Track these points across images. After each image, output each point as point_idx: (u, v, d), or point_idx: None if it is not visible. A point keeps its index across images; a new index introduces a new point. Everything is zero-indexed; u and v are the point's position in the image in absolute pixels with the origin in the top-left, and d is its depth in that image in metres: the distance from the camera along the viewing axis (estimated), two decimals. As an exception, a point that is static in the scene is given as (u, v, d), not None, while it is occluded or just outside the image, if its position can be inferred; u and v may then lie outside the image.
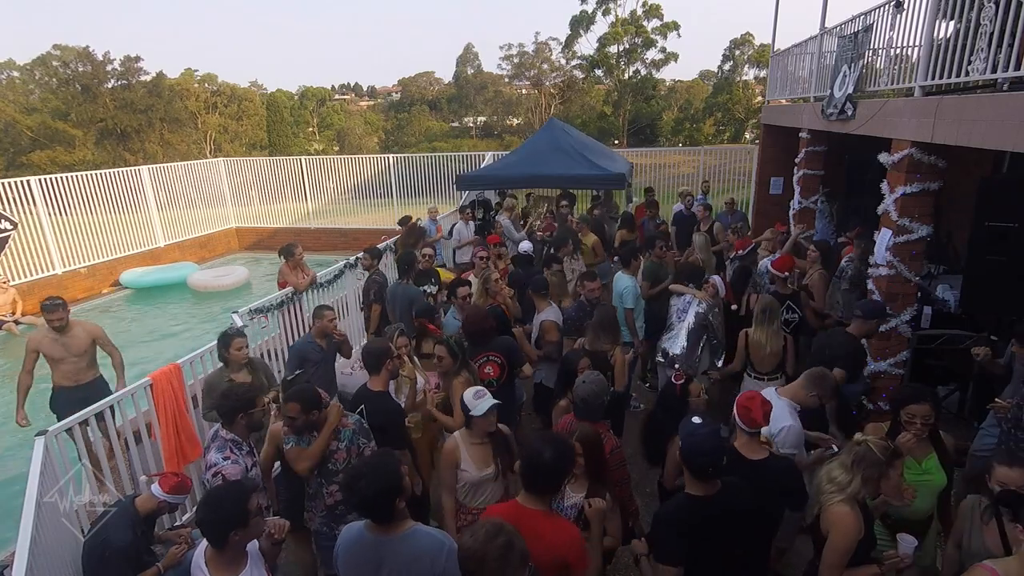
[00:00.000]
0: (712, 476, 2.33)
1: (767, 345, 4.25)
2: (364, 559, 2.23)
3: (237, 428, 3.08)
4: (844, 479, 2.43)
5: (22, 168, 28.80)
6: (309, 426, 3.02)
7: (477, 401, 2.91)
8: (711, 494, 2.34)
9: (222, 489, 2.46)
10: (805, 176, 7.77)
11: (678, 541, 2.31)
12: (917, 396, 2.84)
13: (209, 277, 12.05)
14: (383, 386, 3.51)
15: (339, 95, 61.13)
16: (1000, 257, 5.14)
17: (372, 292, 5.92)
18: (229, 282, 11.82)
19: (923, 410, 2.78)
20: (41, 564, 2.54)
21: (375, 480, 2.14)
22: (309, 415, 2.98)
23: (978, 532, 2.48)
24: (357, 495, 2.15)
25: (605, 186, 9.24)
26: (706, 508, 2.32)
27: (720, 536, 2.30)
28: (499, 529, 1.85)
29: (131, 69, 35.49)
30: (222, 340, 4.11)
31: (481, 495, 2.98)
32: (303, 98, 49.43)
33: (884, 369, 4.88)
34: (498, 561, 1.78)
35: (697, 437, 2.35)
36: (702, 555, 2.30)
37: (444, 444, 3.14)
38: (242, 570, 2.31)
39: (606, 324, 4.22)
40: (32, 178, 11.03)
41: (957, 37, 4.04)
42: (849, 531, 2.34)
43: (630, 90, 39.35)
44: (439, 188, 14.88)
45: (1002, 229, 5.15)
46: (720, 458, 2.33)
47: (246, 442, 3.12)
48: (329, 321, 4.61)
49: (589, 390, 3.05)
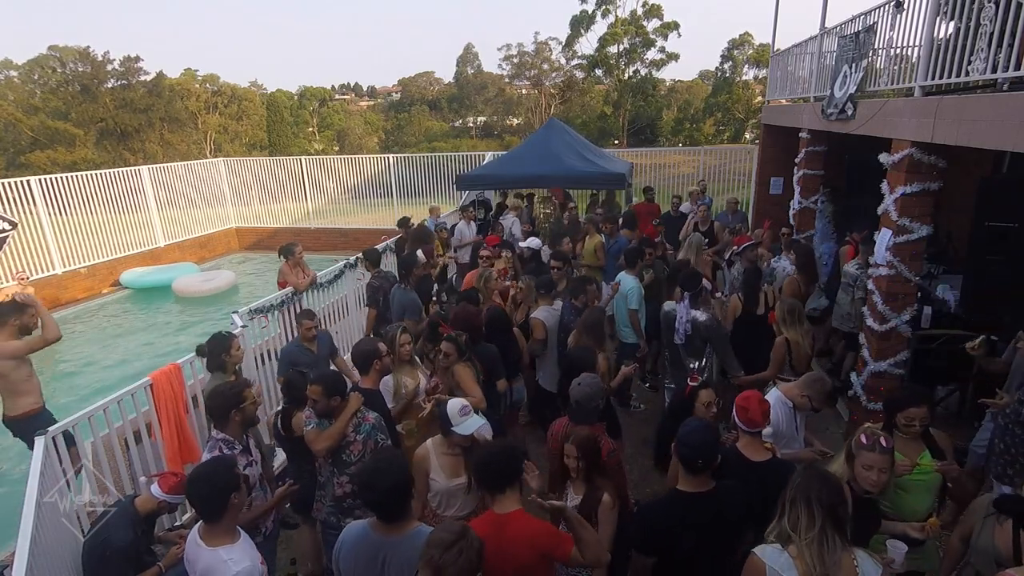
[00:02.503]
0: (701, 470, 2.34)
1: (803, 345, 4.25)
2: (367, 557, 2.23)
3: (231, 427, 3.07)
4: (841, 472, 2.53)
5: (22, 168, 28.79)
6: (330, 412, 3.11)
7: (462, 418, 2.85)
8: (702, 492, 2.35)
9: (206, 464, 2.57)
10: (805, 176, 7.77)
11: (656, 534, 2.35)
12: (915, 399, 2.83)
13: (194, 282, 11.75)
14: (373, 384, 3.56)
15: (339, 95, 61.09)
16: (1000, 257, 5.15)
17: (368, 296, 5.94)
18: (214, 286, 11.52)
19: (921, 413, 2.77)
20: (41, 564, 2.54)
21: (391, 475, 2.18)
22: (331, 400, 3.07)
23: (988, 530, 2.46)
24: (374, 491, 2.16)
25: (605, 186, 9.23)
26: (694, 506, 2.33)
27: (703, 536, 2.30)
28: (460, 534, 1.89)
29: (131, 69, 35.49)
30: (219, 344, 3.97)
31: (453, 505, 2.96)
32: (303, 98, 49.41)
33: (884, 369, 4.87)
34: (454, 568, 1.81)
35: (689, 429, 2.39)
36: (680, 551, 2.31)
37: (416, 450, 3.10)
38: (236, 542, 2.36)
39: (589, 326, 4.15)
40: (32, 178, 11.04)
41: (957, 37, 4.04)
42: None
43: (630, 90, 39.34)
44: (439, 188, 14.89)
45: (1002, 229, 5.16)
46: (710, 453, 2.34)
47: (239, 441, 3.10)
48: (307, 330, 4.66)
49: (583, 392, 3.04)
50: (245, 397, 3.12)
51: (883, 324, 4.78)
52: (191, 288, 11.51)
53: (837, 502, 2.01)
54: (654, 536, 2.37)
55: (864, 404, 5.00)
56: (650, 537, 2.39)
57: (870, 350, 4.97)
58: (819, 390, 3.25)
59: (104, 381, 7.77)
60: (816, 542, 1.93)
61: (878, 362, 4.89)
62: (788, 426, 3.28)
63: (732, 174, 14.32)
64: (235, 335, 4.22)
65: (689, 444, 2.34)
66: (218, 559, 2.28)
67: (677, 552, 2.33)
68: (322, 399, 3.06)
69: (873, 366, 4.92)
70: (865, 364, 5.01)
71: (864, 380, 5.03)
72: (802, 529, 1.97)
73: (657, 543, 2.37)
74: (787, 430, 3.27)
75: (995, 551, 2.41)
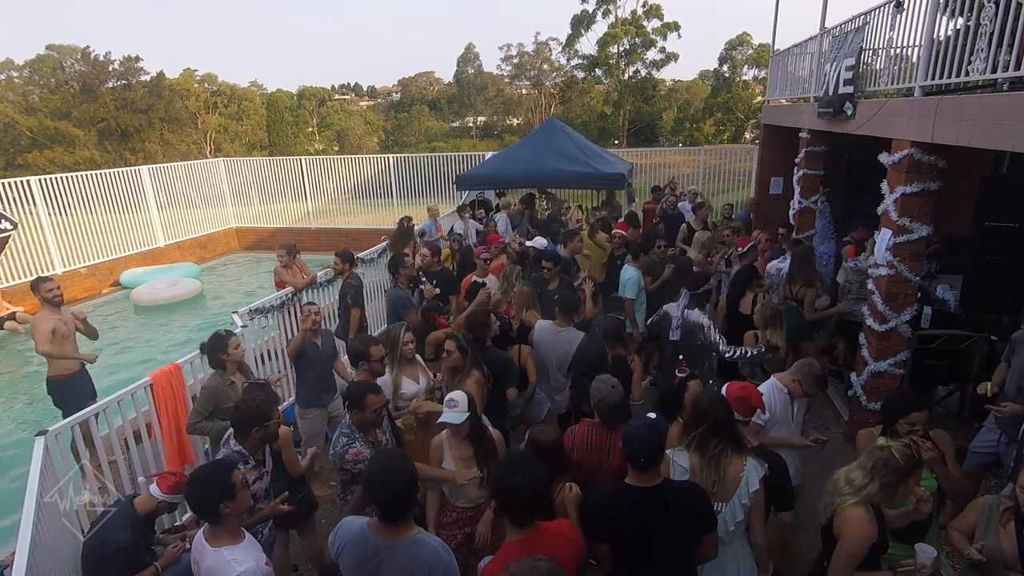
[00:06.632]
0: (643, 468, 2.36)
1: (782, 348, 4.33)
2: (364, 559, 2.23)
3: (250, 441, 2.98)
4: (861, 482, 2.40)
5: (20, 168, 28.76)
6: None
7: (446, 409, 2.93)
8: (647, 486, 2.36)
9: (205, 468, 2.56)
10: (805, 176, 7.76)
11: (600, 522, 2.41)
12: (918, 403, 2.82)
13: (153, 289, 11.04)
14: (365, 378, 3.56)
15: (339, 95, 61.07)
16: (1000, 257, 5.14)
17: (349, 296, 5.91)
18: (175, 293, 11.01)
19: (923, 417, 2.77)
20: (41, 564, 2.55)
21: (404, 471, 2.17)
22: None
23: (993, 532, 2.46)
24: (389, 488, 2.13)
25: (605, 186, 9.22)
26: (638, 499, 2.36)
27: (651, 528, 2.34)
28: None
29: (131, 69, 35.53)
30: (216, 343, 3.97)
31: (464, 495, 3.04)
32: (303, 98, 49.40)
33: (884, 369, 4.87)
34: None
35: (635, 426, 2.41)
36: (630, 541, 2.36)
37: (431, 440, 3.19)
38: (240, 543, 2.36)
39: (610, 333, 4.20)
40: (32, 178, 11.04)
41: (957, 37, 4.04)
42: (863, 534, 2.32)
43: (630, 90, 39.35)
44: (439, 188, 14.89)
45: (1002, 229, 5.15)
46: (650, 452, 2.34)
47: (254, 456, 3.02)
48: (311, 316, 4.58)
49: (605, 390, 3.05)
50: (272, 416, 3.01)
51: (883, 324, 4.78)
52: (149, 296, 10.90)
53: (728, 418, 2.62)
54: (600, 524, 2.43)
55: (864, 404, 5.00)
56: (597, 525, 2.44)
57: (870, 350, 4.97)
58: (808, 373, 3.32)
59: (104, 381, 7.76)
60: (709, 450, 2.55)
61: (878, 362, 4.89)
62: (783, 412, 3.38)
63: (732, 174, 14.32)
64: (234, 334, 4.21)
65: (633, 440, 2.35)
66: (221, 560, 2.28)
67: (626, 543, 2.38)
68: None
69: (873, 366, 4.92)
70: (865, 364, 5.01)
71: (864, 380, 5.02)
72: (697, 439, 2.60)
73: (603, 531, 2.42)
74: (780, 415, 3.37)
75: (1001, 554, 2.40)
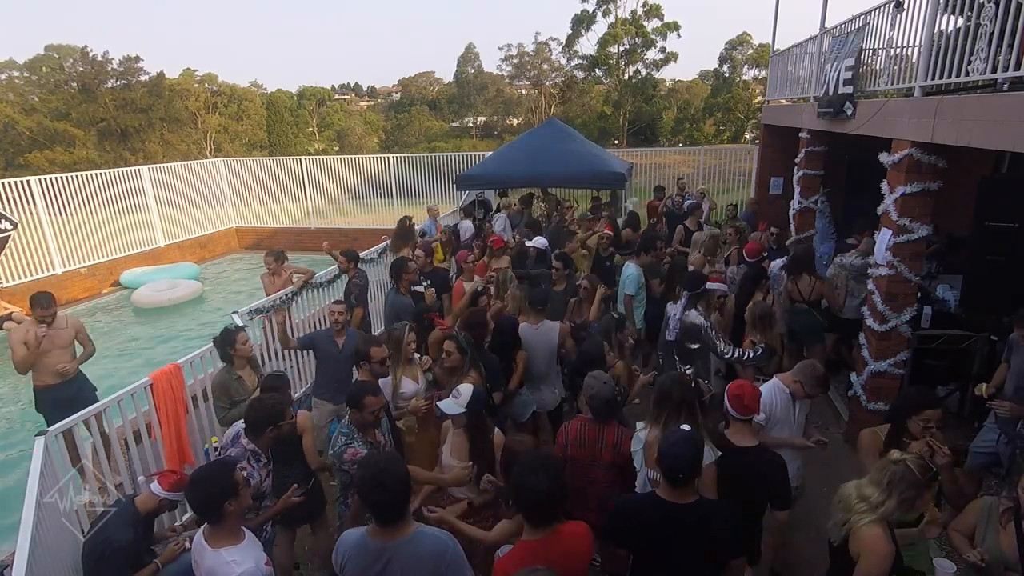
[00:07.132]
0: (680, 484, 2.24)
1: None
2: (367, 565, 2.19)
3: (263, 440, 3.03)
4: (877, 499, 2.24)
5: (20, 168, 28.74)
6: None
7: (450, 399, 3.10)
8: (681, 503, 2.26)
9: (206, 468, 2.57)
10: (805, 176, 7.76)
11: (625, 527, 2.39)
12: (930, 401, 2.80)
13: (154, 292, 11.01)
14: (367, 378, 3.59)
15: (339, 95, 61.05)
16: (1000, 257, 5.14)
17: (353, 296, 5.92)
18: (176, 296, 10.99)
19: (937, 415, 2.74)
20: (41, 564, 2.54)
21: (398, 471, 2.18)
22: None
23: (993, 533, 2.45)
24: (385, 489, 2.12)
25: (605, 186, 9.23)
26: (670, 513, 2.26)
27: (680, 544, 2.25)
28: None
29: (131, 69, 35.45)
30: (225, 338, 4.06)
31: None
32: (303, 98, 49.37)
33: (884, 369, 4.87)
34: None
35: (671, 440, 2.29)
36: (655, 553, 2.31)
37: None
38: (240, 543, 2.36)
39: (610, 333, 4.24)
40: (32, 178, 11.03)
41: (957, 36, 4.04)
42: (884, 555, 2.18)
43: (630, 90, 39.33)
44: (439, 188, 14.90)
45: (1002, 229, 5.15)
46: (687, 466, 2.22)
47: (265, 454, 3.08)
48: (335, 315, 4.69)
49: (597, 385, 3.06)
50: (285, 416, 3.08)
51: (883, 324, 4.78)
52: (150, 299, 10.87)
53: (690, 398, 2.77)
54: (623, 529, 2.41)
55: (864, 404, 5.00)
56: (619, 528, 2.42)
57: (870, 350, 4.97)
58: (809, 374, 3.34)
59: (104, 381, 7.75)
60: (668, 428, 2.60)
61: (878, 362, 4.89)
62: (784, 413, 3.38)
63: (732, 174, 14.32)
64: (243, 329, 4.27)
65: (668, 456, 2.23)
66: (221, 560, 2.28)
67: (650, 554, 2.32)
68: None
69: (873, 366, 4.92)
70: (865, 364, 5.01)
71: (864, 380, 5.03)
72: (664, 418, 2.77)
73: (624, 536, 2.41)
74: (782, 415, 3.38)
75: (1002, 555, 2.40)
